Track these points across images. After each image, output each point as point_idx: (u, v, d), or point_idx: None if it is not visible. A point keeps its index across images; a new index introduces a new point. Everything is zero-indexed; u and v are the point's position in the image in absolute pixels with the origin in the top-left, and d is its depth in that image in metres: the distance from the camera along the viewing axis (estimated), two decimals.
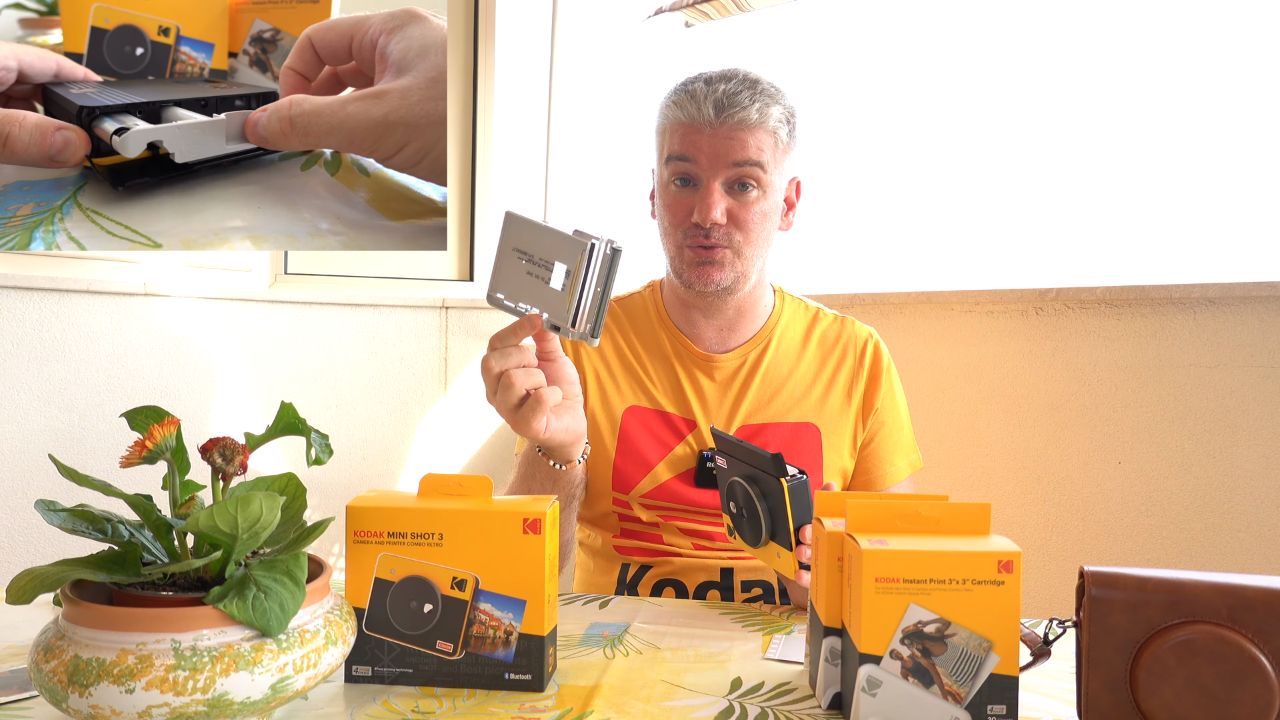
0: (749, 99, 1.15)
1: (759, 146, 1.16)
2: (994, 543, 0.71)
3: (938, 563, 0.68)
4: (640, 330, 1.30)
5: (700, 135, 1.16)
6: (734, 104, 1.15)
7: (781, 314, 1.30)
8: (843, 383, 1.27)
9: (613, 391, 1.25)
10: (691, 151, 1.17)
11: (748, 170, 1.16)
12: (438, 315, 2.28)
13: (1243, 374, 1.61)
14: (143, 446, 0.66)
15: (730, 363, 1.26)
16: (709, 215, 1.15)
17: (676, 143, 1.18)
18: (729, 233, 1.17)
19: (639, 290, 1.36)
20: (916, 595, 0.68)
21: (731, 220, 1.17)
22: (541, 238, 0.89)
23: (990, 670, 0.68)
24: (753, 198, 1.17)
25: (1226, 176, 1.80)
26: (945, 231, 2.10)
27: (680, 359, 1.27)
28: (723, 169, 1.16)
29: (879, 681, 0.69)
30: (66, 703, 0.59)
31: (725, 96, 1.15)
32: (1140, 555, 1.67)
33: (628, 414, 1.24)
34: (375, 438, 2.22)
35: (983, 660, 0.68)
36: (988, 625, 0.68)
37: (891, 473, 1.28)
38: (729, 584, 1.21)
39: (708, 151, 1.16)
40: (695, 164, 1.17)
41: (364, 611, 0.77)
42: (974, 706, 0.68)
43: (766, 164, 1.17)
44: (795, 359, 1.27)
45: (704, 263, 1.19)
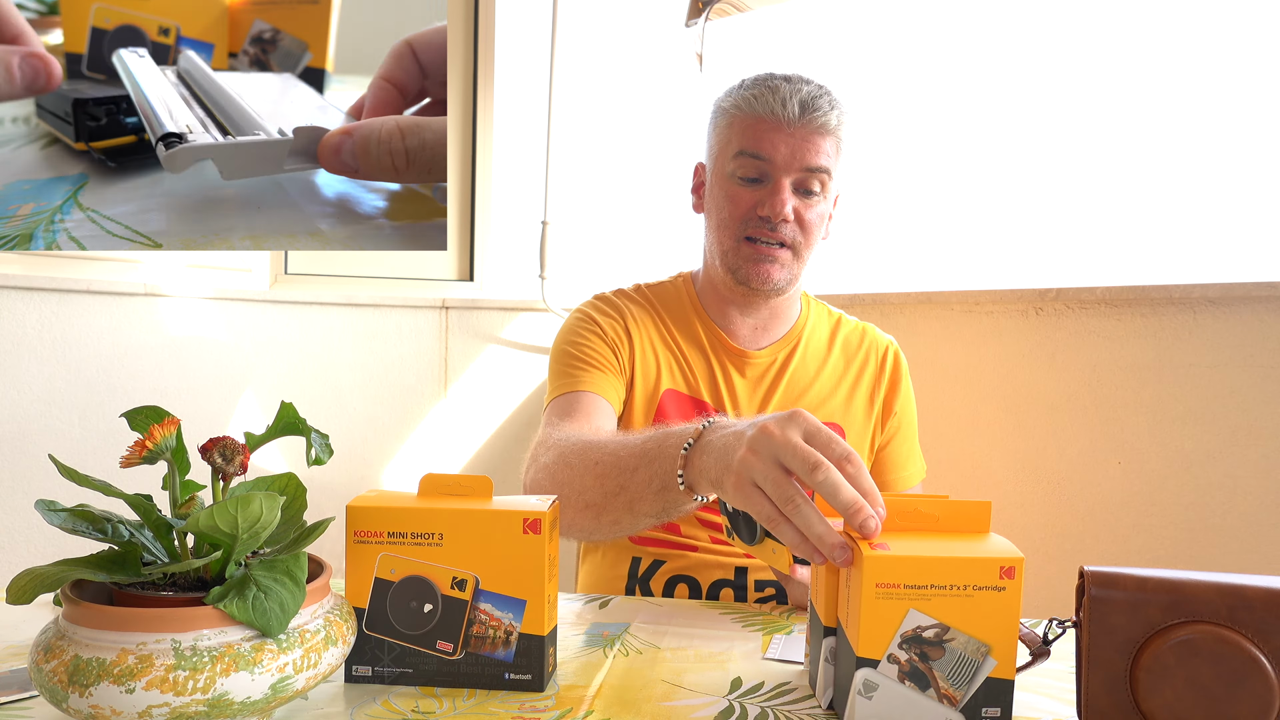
0: (829, 104, 1.17)
1: (829, 153, 1.18)
2: (995, 546, 0.70)
3: (940, 569, 0.67)
4: (676, 318, 1.30)
5: (779, 133, 1.16)
6: (816, 107, 1.16)
7: (809, 317, 1.32)
8: (865, 387, 1.29)
9: (654, 371, 1.25)
10: (767, 149, 1.17)
11: (818, 175, 1.18)
12: (438, 315, 2.28)
13: (1243, 374, 1.61)
14: (143, 446, 0.66)
15: (762, 360, 1.27)
16: (781, 210, 1.16)
17: (751, 138, 1.18)
18: (793, 230, 1.19)
19: (669, 280, 1.36)
20: (917, 601, 0.68)
21: (796, 219, 1.18)
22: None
23: (987, 674, 0.68)
24: (815, 200, 1.19)
25: (1226, 176, 1.80)
26: (945, 232, 2.10)
27: (715, 351, 1.27)
28: (796, 169, 1.17)
29: (875, 685, 0.69)
30: (66, 703, 0.59)
31: (809, 98, 1.16)
32: (1140, 555, 1.67)
33: (666, 395, 1.24)
34: (375, 438, 2.22)
35: (980, 664, 0.68)
36: (987, 630, 0.68)
37: (905, 477, 1.30)
38: (743, 583, 1.21)
39: (785, 150, 1.16)
40: (769, 162, 1.17)
41: (364, 611, 0.77)
42: (969, 709, 0.68)
43: (832, 170, 1.19)
44: (821, 361, 1.29)
45: (764, 260, 1.19)
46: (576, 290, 2.25)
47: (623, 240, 2.43)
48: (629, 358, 1.25)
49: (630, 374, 1.24)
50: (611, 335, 1.25)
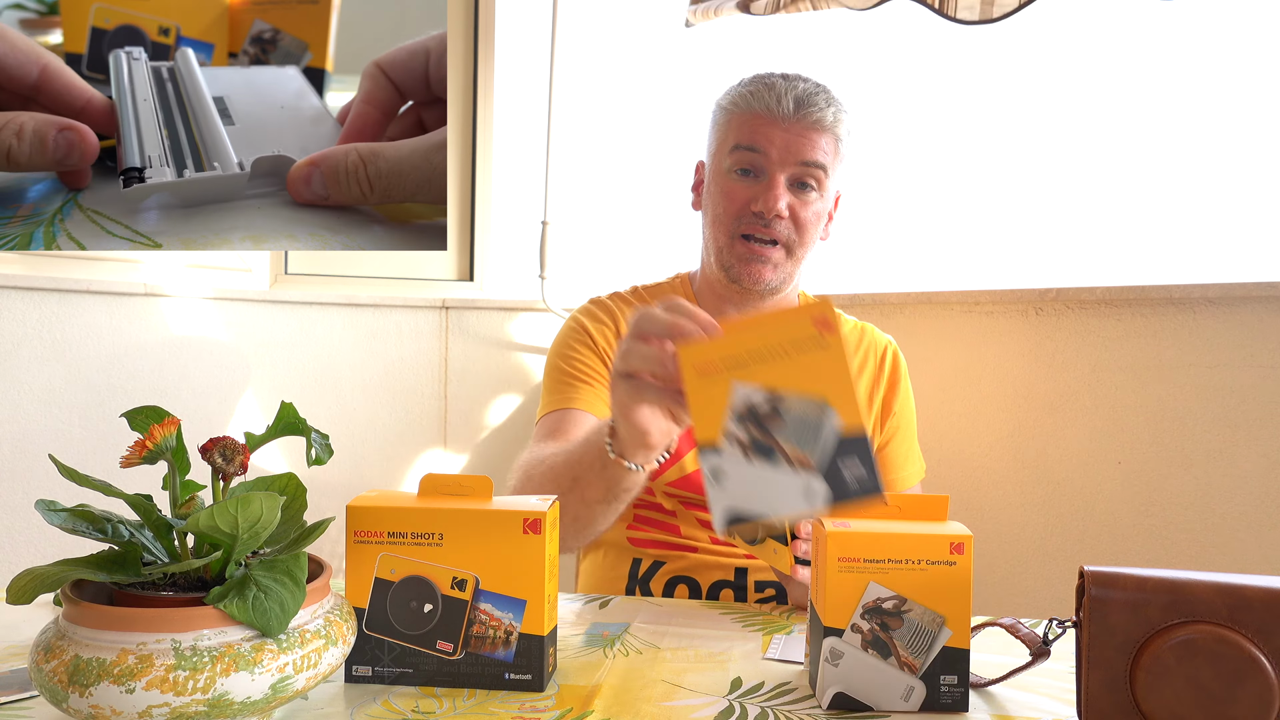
0: (825, 101, 1.17)
1: (825, 149, 1.17)
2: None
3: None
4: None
5: (774, 128, 1.16)
6: (812, 103, 1.16)
7: None
8: (864, 386, 1.29)
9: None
10: (762, 143, 1.17)
11: (813, 171, 1.17)
12: (438, 315, 2.28)
13: (1243, 374, 1.61)
14: (143, 446, 0.66)
15: None
16: (775, 205, 1.16)
17: (746, 133, 1.18)
18: (788, 228, 1.18)
19: (667, 280, 1.36)
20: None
21: (791, 216, 1.18)
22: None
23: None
24: (811, 198, 1.18)
25: (1226, 176, 1.80)
26: (945, 231, 2.10)
27: None
28: (791, 165, 1.17)
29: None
30: (66, 703, 0.59)
31: (805, 95, 1.16)
32: (1140, 555, 1.67)
33: None
34: (375, 438, 2.22)
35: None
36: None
37: (904, 478, 1.30)
38: (743, 583, 1.21)
39: (780, 145, 1.16)
40: (764, 156, 1.17)
41: (364, 611, 0.77)
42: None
43: (829, 167, 1.18)
44: None
45: (756, 260, 1.19)
46: (576, 290, 2.24)
47: (623, 240, 2.42)
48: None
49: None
50: (602, 344, 1.26)
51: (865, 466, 0.68)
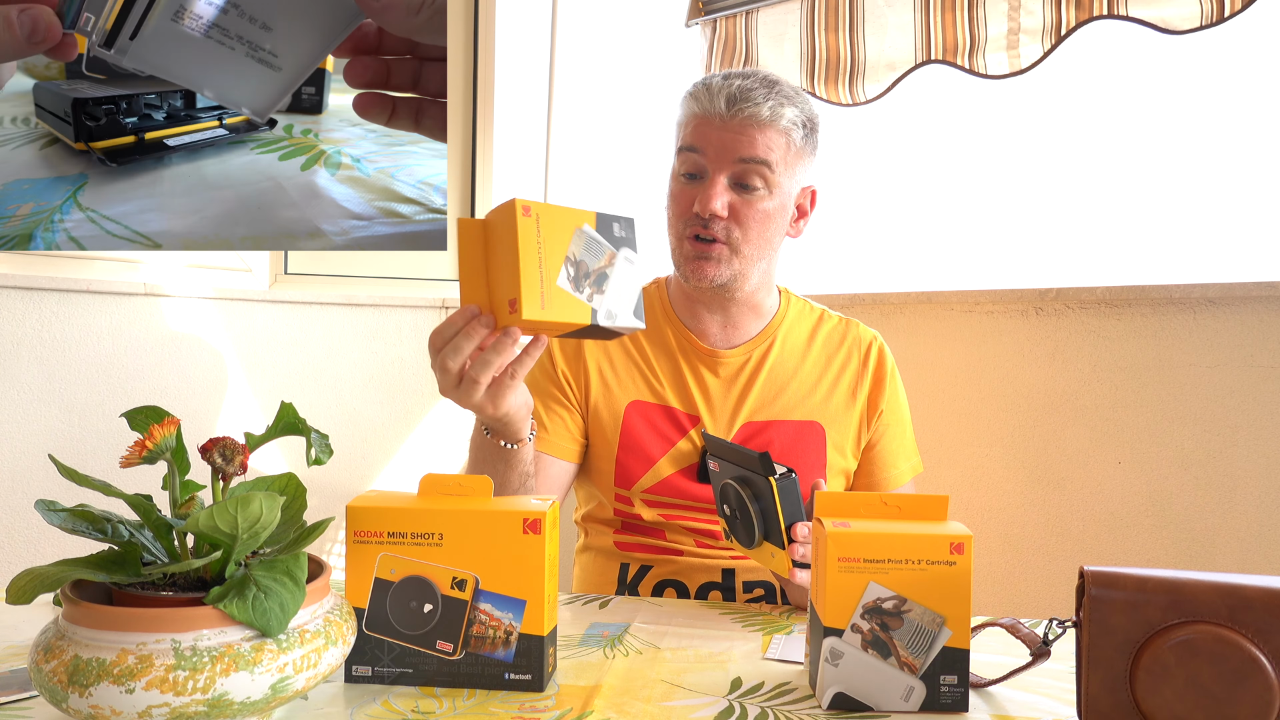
0: (763, 97, 1.15)
1: (768, 145, 1.15)
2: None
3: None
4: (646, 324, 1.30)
5: (710, 128, 1.16)
6: (747, 99, 1.15)
7: (786, 314, 1.30)
8: (847, 383, 1.27)
9: (615, 386, 1.25)
10: (700, 143, 1.17)
11: (754, 167, 1.15)
12: (438, 315, 2.28)
13: (1243, 374, 1.61)
14: (143, 446, 0.66)
15: (735, 359, 1.26)
16: (709, 205, 1.15)
17: (688, 135, 1.18)
18: (728, 228, 1.17)
19: (644, 285, 1.36)
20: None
21: (733, 215, 1.17)
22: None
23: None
24: (757, 196, 1.17)
25: (1226, 176, 1.80)
26: (945, 232, 2.10)
27: (685, 354, 1.26)
28: (729, 163, 1.16)
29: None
30: (66, 703, 0.59)
31: (739, 92, 1.15)
32: (1140, 555, 1.67)
33: (630, 408, 1.24)
34: (375, 438, 2.22)
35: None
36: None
37: (895, 475, 1.29)
38: (731, 584, 1.21)
39: (715, 144, 1.16)
40: (703, 155, 1.17)
41: (364, 611, 0.77)
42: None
43: (775, 164, 1.16)
44: (800, 358, 1.28)
45: (700, 257, 1.18)
46: None
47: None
48: (584, 385, 1.25)
49: (585, 399, 1.25)
50: (562, 368, 1.26)
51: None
